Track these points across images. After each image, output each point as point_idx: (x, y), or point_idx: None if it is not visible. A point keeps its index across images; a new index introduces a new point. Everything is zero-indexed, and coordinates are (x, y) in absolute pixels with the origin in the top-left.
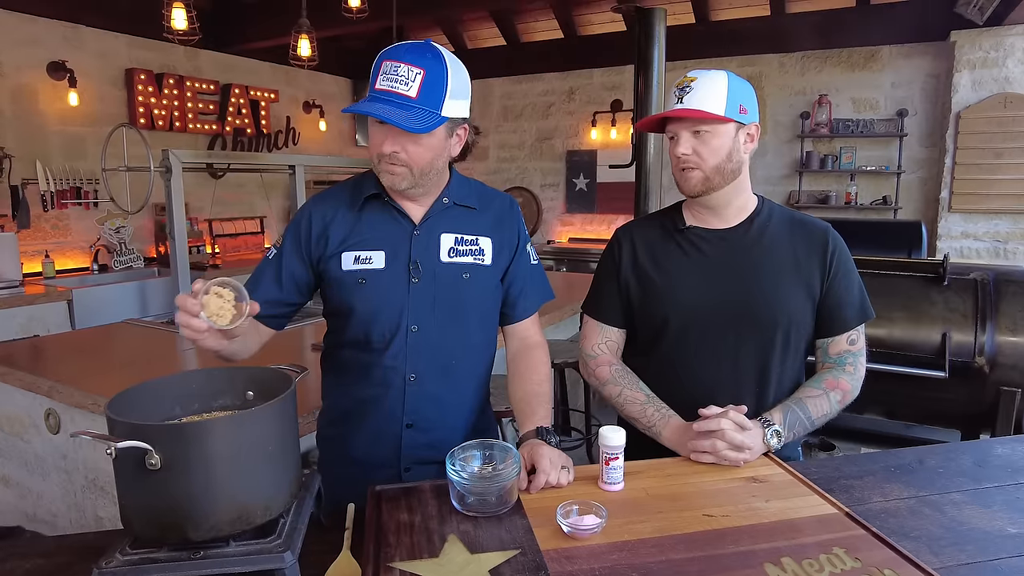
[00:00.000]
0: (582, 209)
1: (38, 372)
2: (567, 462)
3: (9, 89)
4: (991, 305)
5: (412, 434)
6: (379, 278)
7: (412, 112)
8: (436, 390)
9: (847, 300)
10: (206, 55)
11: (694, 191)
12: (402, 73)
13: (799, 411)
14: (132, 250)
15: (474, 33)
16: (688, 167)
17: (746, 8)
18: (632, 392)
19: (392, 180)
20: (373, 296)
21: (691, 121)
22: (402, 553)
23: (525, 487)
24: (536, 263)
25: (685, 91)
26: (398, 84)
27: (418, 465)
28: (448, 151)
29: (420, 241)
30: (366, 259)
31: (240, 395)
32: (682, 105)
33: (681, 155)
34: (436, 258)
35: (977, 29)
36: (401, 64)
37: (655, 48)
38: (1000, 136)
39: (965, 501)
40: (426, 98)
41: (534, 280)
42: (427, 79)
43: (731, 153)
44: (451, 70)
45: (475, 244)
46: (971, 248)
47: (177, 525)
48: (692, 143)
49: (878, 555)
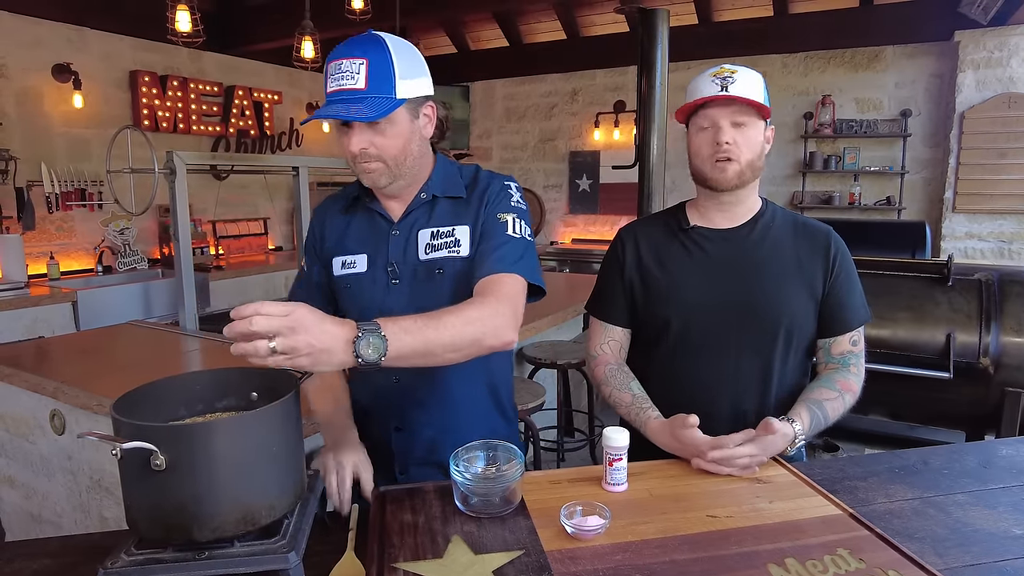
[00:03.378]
0: (585, 210)
1: (43, 373)
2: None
3: (14, 91)
4: (996, 306)
5: (402, 437)
6: (361, 282)
7: (365, 103)
8: (420, 391)
9: (849, 302)
10: (210, 57)
11: (730, 184)
12: (346, 68)
13: (820, 414)
14: (136, 251)
15: (477, 34)
16: (729, 158)
17: (749, 8)
18: (620, 394)
19: (371, 178)
20: (358, 300)
21: (734, 110)
22: (406, 554)
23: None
24: (516, 236)
25: (728, 80)
26: (345, 80)
27: (414, 467)
28: (418, 134)
29: (398, 241)
30: (351, 263)
31: (244, 396)
32: (728, 92)
33: (724, 142)
34: (415, 257)
35: (981, 29)
36: (343, 60)
37: (658, 49)
38: (1004, 136)
39: (970, 502)
40: (375, 85)
41: (504, 248)
42: (371, 67)
43: (762, 149)
44: (395, 51)
45: (451, 235)
46: (975, 248)
47: (182, 526)
48: (732, 132)
49: (882, 556)
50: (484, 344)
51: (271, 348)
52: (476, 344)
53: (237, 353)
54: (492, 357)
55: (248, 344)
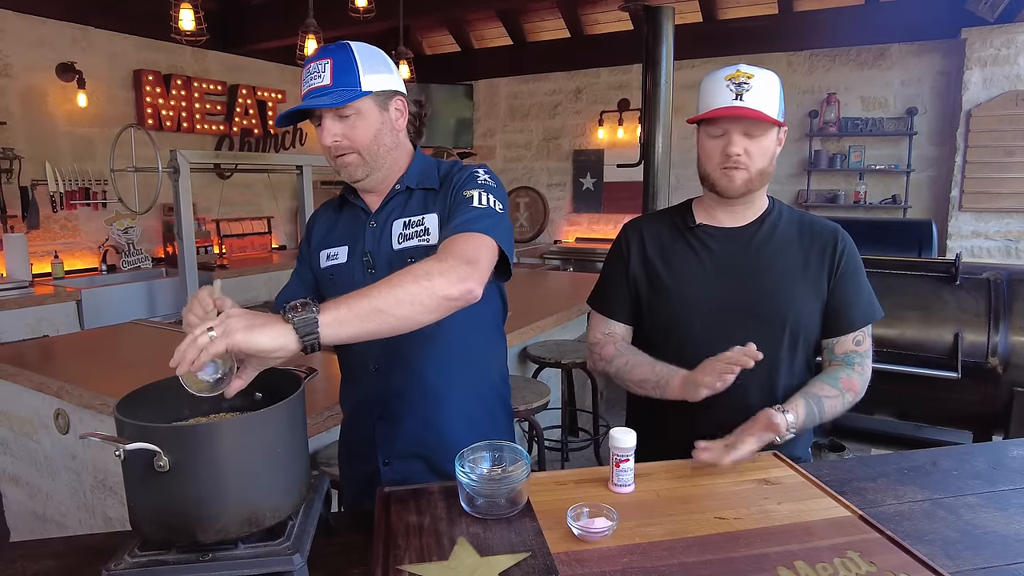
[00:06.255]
0: (589, 209)
1: (47, 372)
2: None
3: (19, 91)
4: (1004, 305)
5: (385, 427)
6: (342, 272)
7: (330, 95)
8: (397, 381)
9: (854, 301)
10: (213, 56)
11: (738, 192)
12: (313, 70)
13: (816, 409)
14: (140, 250)
15: (480, 33)
16: (738, 167)
17: (754, 6)
18: (637, 357)
19: (348, 171)
20: (339, 290)
21: (748, 122)
22: (411, 555)
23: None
24: (481, 207)
25: (743, 87)
26: (313, 80)
27: (398, 460)
28: (389, 126)
29: (374, 232)
30: (334, 255)
31: (249, 396)
32: (742, 103)
33: (734, 154)
34: (389, 247)
35: (988, 26)
36: (312, 63)
37: (663, 47)
38: (1011, 134)
39: (980, 504)
40: (340, 79)
41: (469, 214)
42: (336, 64)
43: (773, 156)
44: (358, 51)
45: (420, 224)
46: (982, 247)
47: (186, 527)
48: (744, 143)
49: (893, 559)
50: (438, 294)
51: (211, 336)
52: (428, 294)
53: (176, 363)
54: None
55: (186, 344)
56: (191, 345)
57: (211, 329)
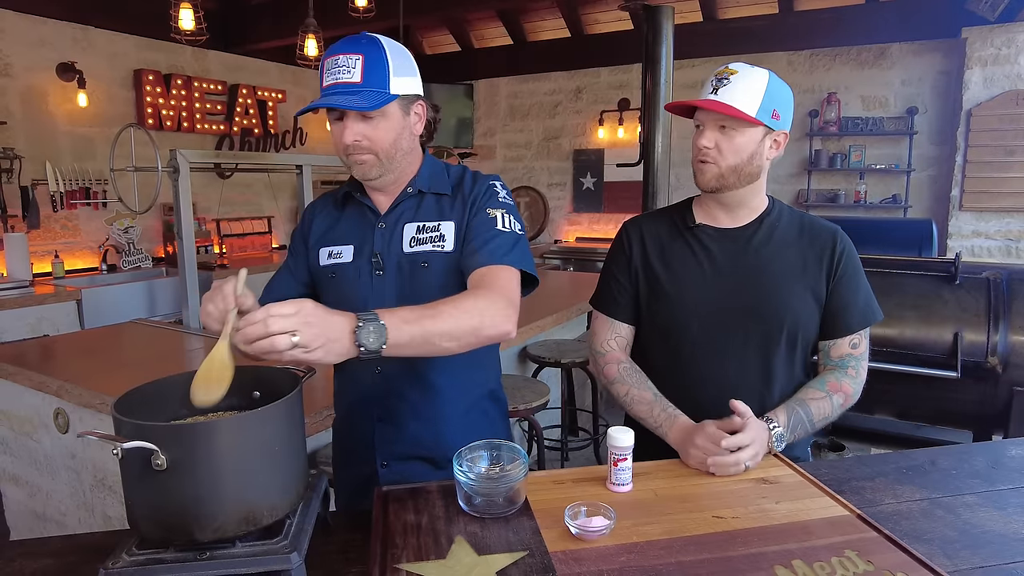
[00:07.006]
0: (589, 208)
1: (47, 372)
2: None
3: (19, 90)
4: (1004, 304)
5: (385, 428)
6: (346, 272)
7: (360, 95)
8: (401, 384)
9: (851, 303)
10: (214, 55)
11: (707, 186)
12: (342, 63)
13: (802, 412)
14: (140, 250)
15: (481, 32)
16: (706, 160)
17: (754, 6)
18: (639, 392)
19: (362, 170)
20: (341, 289)
21: (721, 116)
22: (409, 554)
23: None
24: (506, 230)
25: (722, 83)
26: (341, 74)
27: (397, 461)
28: (409, 130)
29: (383, 233)
30: (337, 254)
31: (246, 395)
32: (715, 97)
33: (702, 147)
34: (400, 249)
35: (989, 26)
36: (340, 56)
37: (663, 46)
38: (1012, 133)
39: (979, 503)
40: (370, 79)
41: (495, 241)
42: (367, 62)
43: (752, 156)
44: (389, 50)
45: (436, 230)
46: (982, 247)
47: (183, 526)
48: (716, 137)
49: (891, 558)
50: (482, 334)
51: (293, 342)
52: (474, 333)
53: (255, 352)
54: (477, 350)
55: (266, 341)
56: (264, 334)
57: (295, 334)
